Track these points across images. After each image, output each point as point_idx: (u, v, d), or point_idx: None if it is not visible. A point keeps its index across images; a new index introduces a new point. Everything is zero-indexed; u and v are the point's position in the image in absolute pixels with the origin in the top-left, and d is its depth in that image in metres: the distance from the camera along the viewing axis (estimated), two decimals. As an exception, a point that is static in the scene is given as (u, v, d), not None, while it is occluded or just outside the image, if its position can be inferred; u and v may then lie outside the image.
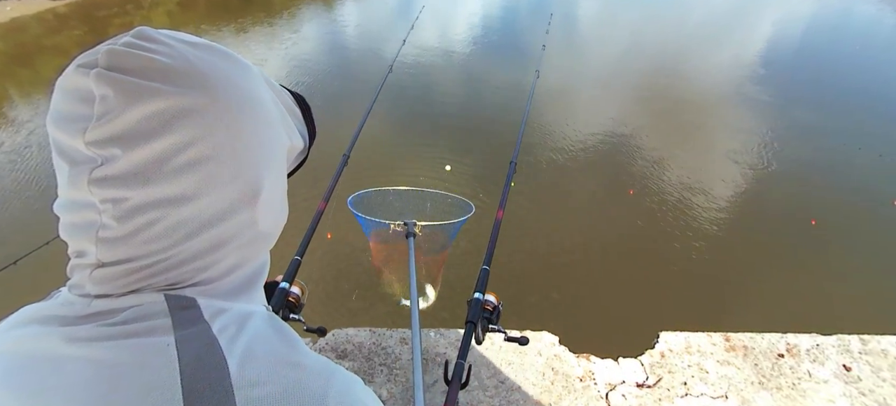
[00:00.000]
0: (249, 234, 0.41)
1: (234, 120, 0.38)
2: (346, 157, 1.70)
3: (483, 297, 1.21)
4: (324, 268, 3.56)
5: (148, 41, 0.37)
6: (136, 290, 0.37)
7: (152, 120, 0.34)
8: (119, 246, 0.36)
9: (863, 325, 2.27)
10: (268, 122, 0.42)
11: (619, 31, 9.45)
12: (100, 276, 0.37)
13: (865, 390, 1.85)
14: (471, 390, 1.82)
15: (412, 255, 1.67)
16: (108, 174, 0.34)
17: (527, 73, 6.05)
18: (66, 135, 0.35)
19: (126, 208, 0.35)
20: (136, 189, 0.35)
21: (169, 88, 0.35)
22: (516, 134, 1.83)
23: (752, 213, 4.25)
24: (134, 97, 0.34)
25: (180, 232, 0.37)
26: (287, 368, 0.36)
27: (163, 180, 0.35)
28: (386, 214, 1.97)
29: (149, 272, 0.37)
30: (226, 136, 0.37)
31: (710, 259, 3.73)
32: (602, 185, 4.67)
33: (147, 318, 0.36)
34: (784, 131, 5.47)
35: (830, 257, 3.79)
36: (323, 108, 5.86)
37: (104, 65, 0.34)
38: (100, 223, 0.36)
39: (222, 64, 0.39)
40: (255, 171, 0.40)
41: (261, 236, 0.43)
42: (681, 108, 6.10)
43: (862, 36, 9.00)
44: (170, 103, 0.35)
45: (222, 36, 8.91)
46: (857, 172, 4.79)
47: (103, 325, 0.36)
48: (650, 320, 2.80)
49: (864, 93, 6.51)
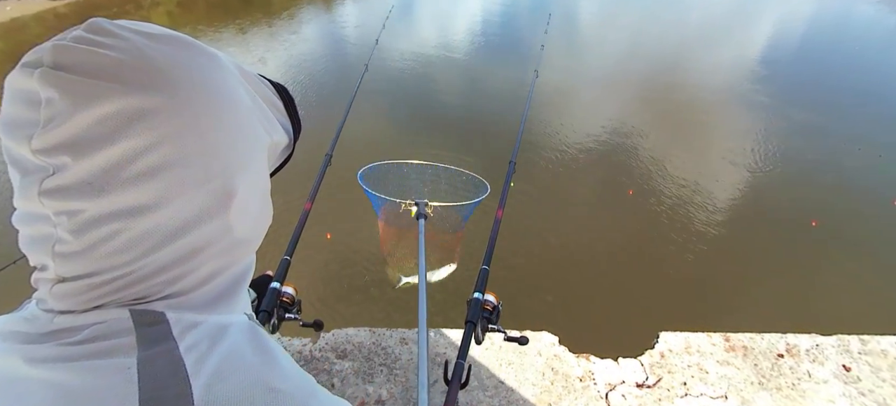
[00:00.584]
0: (225, 242, 0.38)
1: (200, 119, 0.35)
2: (329, 156, 1.69)
3: (483, 297, 1.21)
4: (324, 268, 3.55)
5: (100, 34, 0.33)
6: (100, 305, 0.34)
7: (105, 123, 0.31)
8: (77, 260, 0.33)
9: (863, 326, 2.27)
10: (240, 118, 0.39)
11: (619, 31, 9.45)
12: (60, 291, 0.34)
13: (865, 390, 1.86)
14: (471, 390, 1.82)
15: (422, 238, 1.58)
16: (60, 184, 0.32)
17: (526, 73, 6.06)
18: (14, 142, 0.32)
19: (81, 221, 0.32)
20: (91, 200, 0.32)
21: (123, 87, 0.32)
22: (515, 134, 1.82)
23: (751, 213, 4.25)
24: (83, 99, 0.31)
25: (145, 244, 0.34)
26: (259, 392, 0.33)
27: (120, 189, 0.32)
28: (397, 190, 1.88)
29: (112, 287, 0.34)
30: (190, 137, 0.34)
31: (710, 259, 3.73)
32: (602, 185, 4.67)
33: (109, 336, 0.33)
34: (784, 132, 5.48)
35: (830, 258, 3.79)
36: (324, 108, 5.86)
37: (50, 63, 0.31)
38: (56, 237, 0.33)
39: (185, 56, 0.36)
40: (227, 174, 0.37)
41: (238, 242, 0.40)
42: (680, 109, 6.10)
43: (861, 36, 9.01)
44: (124, 104, 0.31)
45: (222, 36, 8.91)
46: (857, 173, 4.79)
47: (64, 344, 0.33)
48: (650, 320, 2.80)
49: (865, 93, 6.52)
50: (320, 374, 1.87)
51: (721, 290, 3.50)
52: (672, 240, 3.90)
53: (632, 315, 3.20)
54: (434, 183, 1.98)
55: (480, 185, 1.94)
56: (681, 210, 4.21)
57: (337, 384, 1.84)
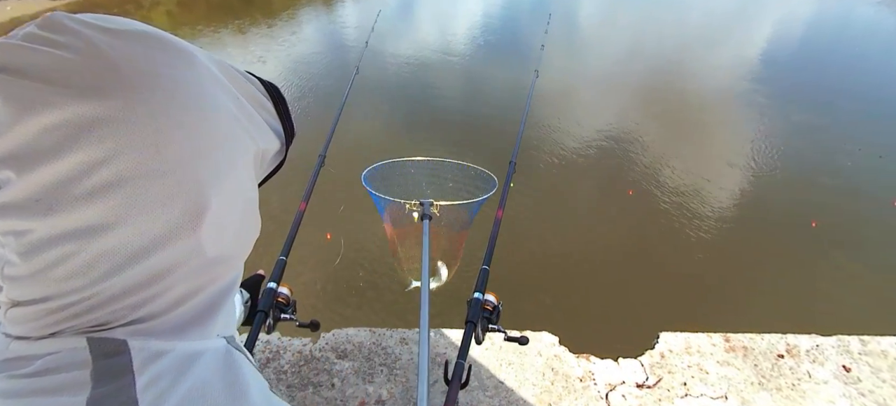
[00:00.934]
0: (196, 262, 0.34)
1: (165, 127, 0.30)
2: (322, 157, 1.68)
3: (483, 297, 1.21)
4: (323, 268, 3.55)
5: (55, 31, 0.30)
6: (56, 332, 0.31)
7: (54, 133, 0.27)
8: (28, 284, 0.30)
9: (863, 326, 2.27)
10: (215, 125, 0.34)
11: (619, 31, 9.45)
12: (14, 316, 0.31)
13: (865, 391, 1.85)
14: (471, 390, 1.82)
15: (427, 239, 1.54)
16: (4, 202, 0.28)
17: (526, 73, 6.06)
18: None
19: (30, 242, 0.29)
20: (39, 219, 0.29)
21: (74, 92, 0.28)
22: (515, 134, 1.82)
23: (751, 213, 4.25)
24: (28, 106, 0.27)
25: (102, 266, 0.30)
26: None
27: (71, 208, 0.29)
28: (402, 190, 1.84)
29: (69, 312, 0.31)
30: (152, 147, 0.30)
31: (710, 259, 3.73)
32: (602, 184, 4.68)
33: (62, 369, 0.30)
34: (784, 132, 5.48)
35: (830, 258, 3.79)
36: (322, 108, 5.86)
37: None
38: (4, 259, 0.30)
39: (148, 54, 0.31)
40: (198, 188, 0.32)
41: (213, 262, 0.36)
42: (680, 109, 6.11)
43: (861, 36, 9.02)
44: (75, 111, 0.28)
45: (222, 36, 8.91)
46: (857, 173, 4.79)
47: (15, 376, 0.30)
48: (650, 320, 2.80)
49: (865, 93, 6.52)
50: (320, 374, 1.87)
51: (721, 290, 3.50)
52: (672, 240, 3.90)
53: (632, 315, 3.20)
54: (439, 180, 1.93)
55: (488, 179, 1.88)
56: (681, 210, 4.21)
57: (337, 384, 1.84)
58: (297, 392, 1.81)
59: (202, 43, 8.37)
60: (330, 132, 1.74)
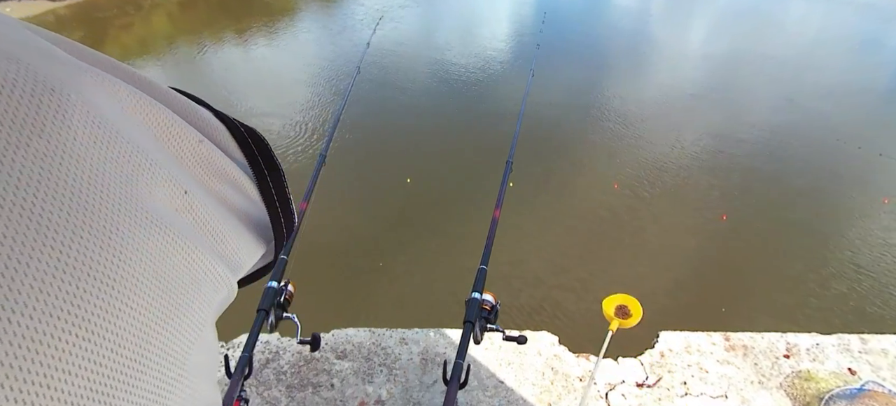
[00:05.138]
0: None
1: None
2: (323, 156, 1.69)
3: (481, 297, 1.21)
4: (323, 267, 3.55)
5: None
6: None
7: None
8: None
9: (863, 325, 2.27)
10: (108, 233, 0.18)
11: (615, 30, 9.44)
12: None
13: (865, 389, 1.85)
14: (470, 390, 1.82)
15: None
16: None
17: (522, 73, 6.06)
18: None
19: None
20: None
21: None
22: (512, 134, 1.82)
23: (751, 212, 4.25)
24: None
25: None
26: None
27: None
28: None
29: None
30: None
31: (710, 258, 3.73)
32: (600, 183, 4.67)
33: None
34: (784, 131, 5.48)
35: (830, 257, 3.78)
36: (321, 108, 5.86)
37: None
38: None
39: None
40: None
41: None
42: (678, 106, 6.10)
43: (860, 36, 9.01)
44: None
45: (221, 36, 8.92)
46: (857, 172, 4.79)
47: None
48: (650, 320, 2.79)
49: (865, 93, 6.52)
50: (320, 375, 1.87)
51: (721, 289, 3.50)
52: (672, 239, 3.90)
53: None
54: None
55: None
56: (681, 209, 4.21)
57: (336, 384, 1.84)
58: (297, 392, 1.81)
59: (202, 43, 8.38)
60: (331, 132, 1.75)
